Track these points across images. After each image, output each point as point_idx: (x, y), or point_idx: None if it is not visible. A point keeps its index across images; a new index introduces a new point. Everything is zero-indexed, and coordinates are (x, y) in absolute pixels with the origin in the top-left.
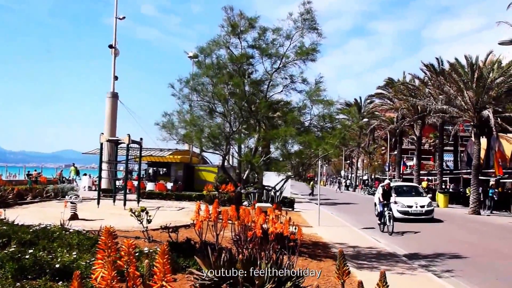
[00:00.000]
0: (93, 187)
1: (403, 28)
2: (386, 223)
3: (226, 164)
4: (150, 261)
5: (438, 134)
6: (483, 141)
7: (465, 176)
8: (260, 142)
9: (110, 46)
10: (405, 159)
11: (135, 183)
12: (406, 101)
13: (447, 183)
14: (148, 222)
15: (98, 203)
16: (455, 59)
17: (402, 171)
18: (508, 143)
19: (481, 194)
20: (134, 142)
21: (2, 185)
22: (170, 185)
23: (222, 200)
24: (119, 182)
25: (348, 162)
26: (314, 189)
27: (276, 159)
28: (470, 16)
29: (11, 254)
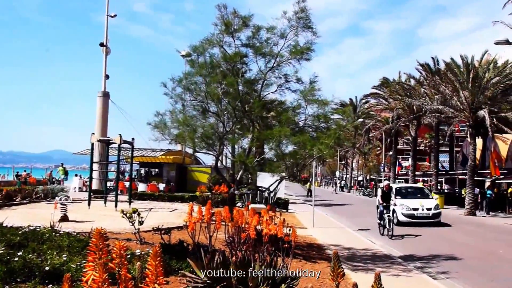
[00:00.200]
0: (83, 188)
1: (399, 27)
2: (386, 226)
3: (219, 164)
4: (142, 263)
5: (433, 135)
6: (479, 141)
7: (460, 177)
8: (254, 142)
9: (101, 44)
10: (400, 160)
11: (127, 184)
12: (402, 101)
13: (443, 184)
14: (140, 223)
15: (89, 204)
16: (451, 59)
17: (397, 172)
18: (503, 144)
19: (478, 195)
20: (126, 142)
21: None
22: (162, 186)
23: (215, 201)
24: (110, 183)
25: (343, 162)
26: (310, 189)
27: (270, 160)
28: (466, 15)
29: (0, 257)
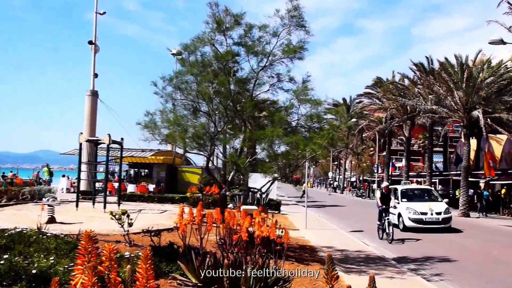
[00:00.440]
0: (71, 189)
1: (393, 26)
2: (386, 230)
3: (211, 165)
4: (131, 265)
5: (427, 135)
6: (473, 142)
7: (454, 177)
8: (246, 142)
9: (90, 42)
10: (394, 160)
11: (116, 185)
12: (395, 101)
13: (436, 185)
14: (129, 225)
15: (77, 206)
16: (445, 59)
17: (391, 173)
18: (498, 144)
19: (472, 196)
20: (115, 142)
21: None
22: (152, 187)
23: (206, 202)
24: (99, 184)
25: (336, 163)
26: (305, 190)
27: (262, 160)
28: (460, 14)
29: None
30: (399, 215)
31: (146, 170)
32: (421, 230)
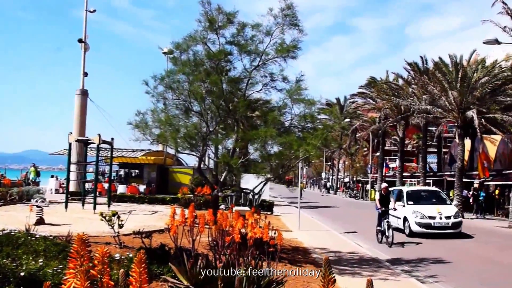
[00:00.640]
0: (60, 190)
1: (386, 25)
2: (385, 233)
3: (203, 165)
4: (122, 267)
5: (421, 135)
6: (467, 142)
7: (448, 178)
8: (238, 143)
9: (80, 40)
10: (387, 161)
11: (106, 186)
12: (389, 101)
13: (430, 185)
14: (119, 227)
15: (66, 207)
16: (439, 58)
17: (384, 173)
18: (492, 145)
19: (467, 197)
20: (105, 142)
21: None
22: (142, 187)
23: (198, 203)
24: (89, 185)
25: (329, 164)
26: (302, 192)
27: (255, 161)
28: (454, 14)
29: None
30: (405, 219)
31: (137, 171)
32: (428, 236)
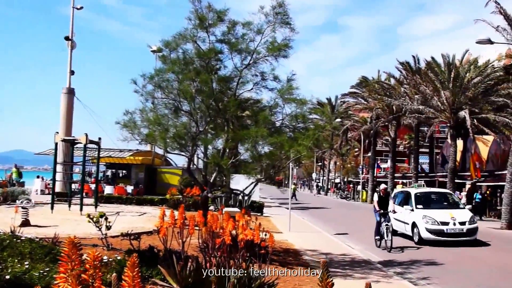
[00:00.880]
0: (46, 191)
1: (378, 24)
2: (384, 237)
3: (192, 166)
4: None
5: (413, 136)
6: (459, 143)
7: (440, 179)
8: (228, 143)
9: (67, 38)
10: (379, 161)
11: (93, 186)
12: (381, 100)
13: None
14: (107, 228)
15: (52, 208)
16: (432, 58)
17: (376, 174)
18: (484, 146)
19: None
20: (92, 142)
21: None
22: (130, 188)
23: (187, 204)
24: (75, 185)
25: (319, 164)
26: (295, 193)
27: (245, 161)
28: (447, 13)
29: None
30: (414, 225)
31: (124, 171)
32: (441, 244)
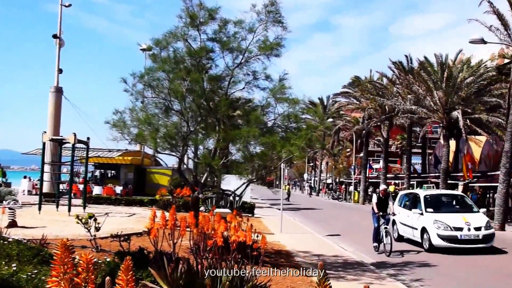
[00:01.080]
0: (33, 191)
1: (370, 23)
2: (383, 241)
3: (183, 166)
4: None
5: (405, 136)
6: (452, 143)
7: (433, 179)
8: (220, 143)
9: (55, 36)
10: (371, 162)
11: (81, 187)
12: (374, 100)
13: (414, 187)
14: (96, 230)
15: (40, 209)
16: (424, 58)
17: (368, 174)
18: (477, 146)
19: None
20: (80, 141)
21: None
22: (119, 189)
23: (177, 205)
24: (63, 186)
25: (311, 164)
26: (290, 193)
27: (237, 161)
28: (439, 12)
29: None
30: (424, 231)
31: (113, 171)
32: (454, 251)
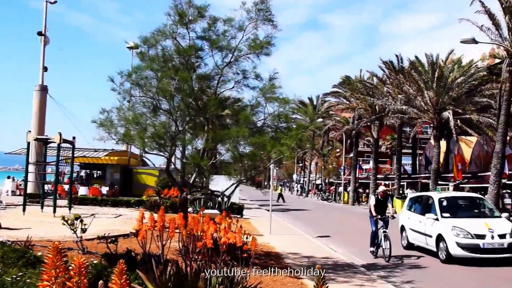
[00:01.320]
0: (17, 192)
1: (359, 22)
2: (381, 246)
3: (171, 166)
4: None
5: (395, 136)
6: (442, 144)
7: (423, 180)
8: (209, 143)
9: (39, 33)
10: (360, 162)
11: (66, 187)
12: (364, 100)
13: (404, 188)
14: (82, 231)
15: (24, 210)
16: (415, 57)
17: (358, 175)
18: (467, 147)
19: None
20: (66, 141)
21: None
22: (105, 189)
23: (164, 206)
24: (48, 186)
25: (300, 165)
26: (282, 195)
27: (226, 162)
28: (430, 11)
29: None
30: (440, 238)
31: (99, 172)
32: (476, 262)
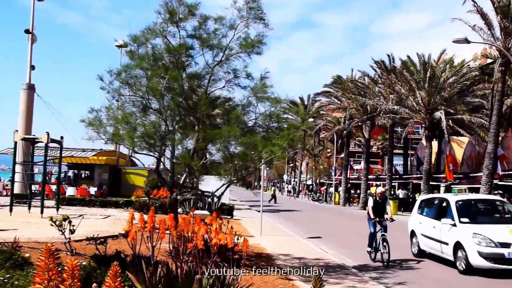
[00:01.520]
0: (4, 192)
1: (351, 21)
2: (380, 250)
3: (161, 167)
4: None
5: (387, 136)
6: (434, 144)
7: (415, 181)
8: (199, 142)
9: (27, 31)
10: (352, 163)
11: (54, 188)
12: (355, 100)
13: (396, 188)
14: (71, 232)
15: (11, 211)
16: (407, 57)
17: (349, 175)
18: (459, 147)
19: None
20: (54, 141)
21: None
22: (93, 189)
23: (154, 207)
24: (35, 187)
25: (291, 165)
26: (275, 196)
27: (217, 162)
28: (422, 11)
29: None
30: (458, 246)
31: (87, 172)
32: (498, 274)
